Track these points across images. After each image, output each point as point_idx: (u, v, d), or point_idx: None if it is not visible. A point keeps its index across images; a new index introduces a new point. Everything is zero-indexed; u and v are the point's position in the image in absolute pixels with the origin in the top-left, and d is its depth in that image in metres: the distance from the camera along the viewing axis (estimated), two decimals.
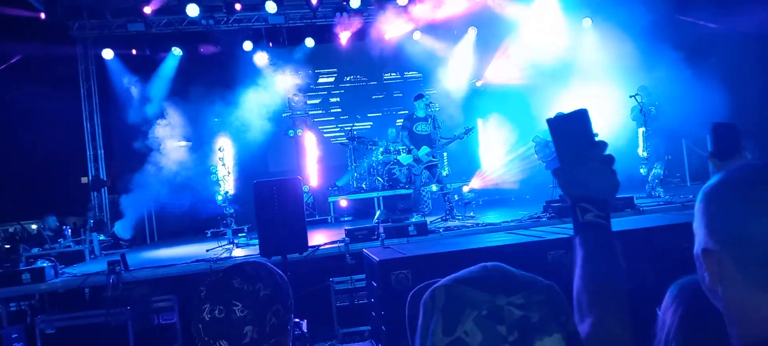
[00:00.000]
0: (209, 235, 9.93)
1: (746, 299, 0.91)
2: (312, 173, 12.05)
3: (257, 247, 5.45)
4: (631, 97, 8.70)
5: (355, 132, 11.75)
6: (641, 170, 9.13)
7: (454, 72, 12.34)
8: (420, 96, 8.74)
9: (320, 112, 12.78)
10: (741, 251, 0.90)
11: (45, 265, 6.11)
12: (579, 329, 0.97)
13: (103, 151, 11.85)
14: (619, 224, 5.19)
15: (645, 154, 8.90)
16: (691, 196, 7.91)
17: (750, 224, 0.89)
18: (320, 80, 12.74)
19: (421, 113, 8.64)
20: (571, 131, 1.17)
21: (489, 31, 12.03)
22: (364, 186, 11.02)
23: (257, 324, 1.36)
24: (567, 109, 1.20)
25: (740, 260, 0.90)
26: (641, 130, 8.88)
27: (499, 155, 11.84)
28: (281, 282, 1.45)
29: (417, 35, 12.42)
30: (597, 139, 1.16)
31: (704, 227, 0.96)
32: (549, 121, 1.19)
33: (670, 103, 9.24)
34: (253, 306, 1.36)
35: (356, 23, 12.04)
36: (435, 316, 0.83)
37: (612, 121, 10.02)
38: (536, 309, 0.80)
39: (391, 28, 11.91)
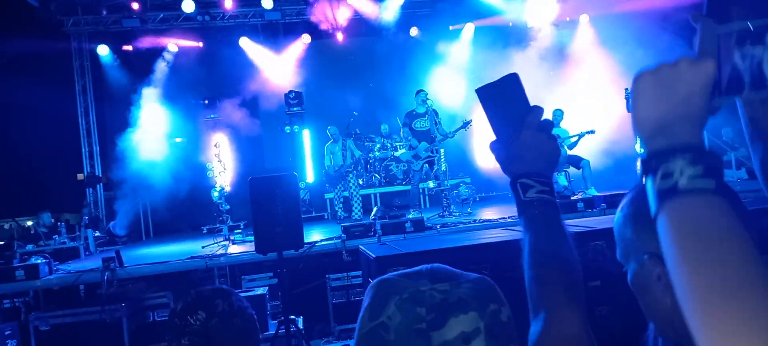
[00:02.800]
0: (205, 231, 9.90)
1: None
2: (308, 169, 12.01)
3: (253, 243, 5.41)
4: (626, 91, 8.68)
5: (357, 130, 11.68)
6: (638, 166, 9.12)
7: (452, 67, 12.31)
8: (419, 92, 8.72)
9: (317, 108, 12.71)
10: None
11: (39, 262, 6.05)
12: (533, 327, 0.91)
13: (98, 148, 11.80)
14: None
15: (642, 150, 8.88)
16: None
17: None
18: (316, 76, 12.67)
19: (420, 109, 8.60)
20: (503, 100, 1.03)
21: (486, 26, 11.98)
22: (361, 182, 10.98)
23: None
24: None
25: None
26: None
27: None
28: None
29: (414, 31, 12.39)
30: (532, 104, 1.02)
31: (643, 234, 0.95)
32: (478, 91, 1.04)
33: None
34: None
35: (348, 17, 12.01)
36: (365, 304, 0.86)
37: (611, 116, 10.00)
38: (458, 293, 0.82)
39: (388, 23, 11.87)
